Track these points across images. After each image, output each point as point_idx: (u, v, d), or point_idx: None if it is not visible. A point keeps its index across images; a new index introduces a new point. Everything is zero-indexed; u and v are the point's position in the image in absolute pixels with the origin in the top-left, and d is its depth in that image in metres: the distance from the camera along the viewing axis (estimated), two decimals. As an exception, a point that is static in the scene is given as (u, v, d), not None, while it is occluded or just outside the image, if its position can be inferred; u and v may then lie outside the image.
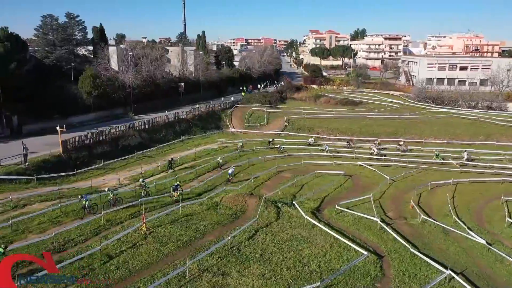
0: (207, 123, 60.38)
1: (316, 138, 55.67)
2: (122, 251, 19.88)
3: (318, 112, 68.69)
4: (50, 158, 36.52)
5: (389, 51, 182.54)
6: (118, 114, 59.17)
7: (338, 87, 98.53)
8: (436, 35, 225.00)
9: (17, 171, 32.74)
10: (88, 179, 34.99)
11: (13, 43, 50.67)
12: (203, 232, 22.65)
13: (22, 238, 21.20)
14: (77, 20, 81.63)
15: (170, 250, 20.21)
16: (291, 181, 37.30)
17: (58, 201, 26.96)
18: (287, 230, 23.92)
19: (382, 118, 66.51)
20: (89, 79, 54.64)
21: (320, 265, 19.47)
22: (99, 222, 23.35)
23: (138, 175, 36.72)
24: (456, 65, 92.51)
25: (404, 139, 53.74)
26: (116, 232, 21.88)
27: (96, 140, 42.10)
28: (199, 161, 43.23)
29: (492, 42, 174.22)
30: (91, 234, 21.81)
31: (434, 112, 70.87)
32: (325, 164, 43.14)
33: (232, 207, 27.75)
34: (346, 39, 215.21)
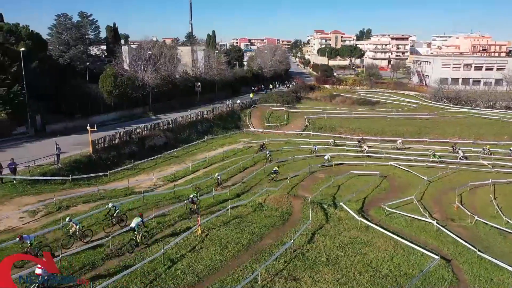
0: (227, 123, 59.63)
1: (336, 138, 54.96)
2: (182, 255, 19.09)
3: (337, 112, 68.02)
4: (81, 158, 35.72)
5: (396, 51, 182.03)
6: (138, 114, 58.42)
7: (350, 87, 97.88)
8: (441, 35, 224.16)
9: (51, 172, 31.93)
10: (120, 180, 34.35)
11: (34, 41, 49.94)
12: (259, 234, 21.88)
13: (75, 242, 20.40)
14: (90, 20, 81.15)
15: (232, 254, 19.43)
16: (326, 181, 36.52)
17: (100, 203, 26.29)
18: (343, 232, 23.19)
19: (402, 118, 65.77)
20: (110, 79, 53.88)
21: (391, 270, 18.72)
22: (150, 225, 22.55)
23: (170, 175, 35.98)
24: (471, 64, 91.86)
25: (428, 139, 53.13)
26: (168, 235, 21.14)
27: (124, 140, 41.28)
28: (228, 161, 42.44)
29: (499, 42, 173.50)
30: (148, 237, 20.99)
31: (453, 112, 70.14)
32: (356, 164, 42.34)
33: (277, 209, 27.01)
34: (352, 39, 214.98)
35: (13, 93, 40.50)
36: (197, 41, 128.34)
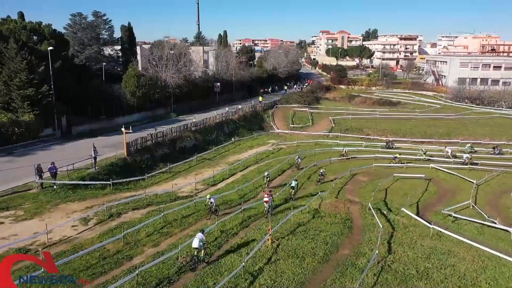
0: (251, 124, 58.16)
1: (364, 140, 53.61)
2: (261, 268, 17.57)
3: (361, 113, 66.50)
4: (117, 161, 34.20)
5: (405, 51, 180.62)
6: (160, 115, 56.98)
7: (366, 87, 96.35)
8: (447, 36, 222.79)
9: (90, 176, 30.42)
10: (159, 184, 32.97)
11: (57, 41, 48.44)
12: (333, 244, 20.36)
13: (139, 253, 18.92)
14: (104, 19, 79.72)
15: (313, 267, 17.93)
16: (371, 185, 35.07)
17: (153, 210, 24.82)
18: (417, 241, 21.72)
19: (427, 119, 64.25)
20: (133, 79, 52.42)
21: (490, 283, 17.21)
22: (213, 233, 21.05)
23: (209, 179, 34.50)
24: (489, 64, 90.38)
25: (460, 140, 51.67)
26: (236, 245, 19.68)
27: (155, 142, 39.78)
28: (262, 164, 40.94)
29: (508, 42, 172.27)
30: (214, 248, 19.50)
31: (478, 113, 68.68)
32: (396, 166, 40.86)
33: (335, 215, 25.54)
34: (358, 39, 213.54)
35: (41, 93, 39.00)
36: (206, 41, 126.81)
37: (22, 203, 24.48)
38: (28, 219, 22.21)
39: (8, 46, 38.87)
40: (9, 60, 38.35)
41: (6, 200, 24.92)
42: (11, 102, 38.27)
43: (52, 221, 22.03)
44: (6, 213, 22.79)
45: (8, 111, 38.47)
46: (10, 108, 38.63)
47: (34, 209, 23.67)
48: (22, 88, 37.88)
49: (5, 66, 38.31)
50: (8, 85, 37.82)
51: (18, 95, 37.61)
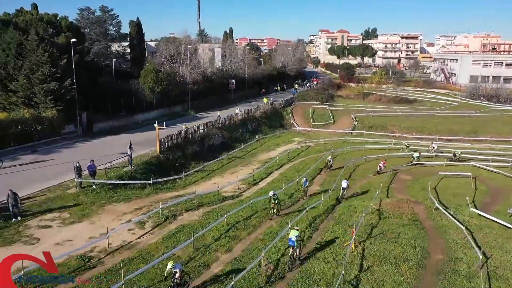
0: (272, 121, 56.36)
1: (390, 137, 52.07)
2: (356, 277, 15.74)
3: (380, 110, 64.98)
4: (151, 159, 32.14)
5: (406, 50, 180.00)
6: (178, 112, 54.94)
7: (376, 85, 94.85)
8: (445, 35, 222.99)
9: (127, 175, 28.33)
10: (197, 183, 31.08)
11: (74, 33, 46.10)
12: (422, 248, 18.61)
13: (214, 260, 16.97)
14: (111, 14, 77.33)
15: (413, 274, 16.15)
16: (417, 183, 33.42)
17: (207, 211, 22.86)
18: (504, 243, 19.96)
19: (449, 116, 62.87)
20: (152, 74, 50.27)
21: None
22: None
23: (248, 178, 32.51)
24: (502, 62, 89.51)
25: (490, 138, 50.36)
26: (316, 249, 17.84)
27: (185, 140, 37.76)
28: (296, 162, 39.18)
29: (508, 41, 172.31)
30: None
31: (498, 110, 67.34)
32: (436, 165, 39.28)
33: (400, 216, 23.78)
34: (358, 38, 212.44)
35: (65, 88, 36.74)
36: (209, 38, 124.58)
37: (64, 205, 22.36)
38: (77, 222, 20.13)
39: (29, 38, 36.50)
40: (30, 52, 36.03)
41: (45, 201, 22.79)
42: (32, 97, 35.91)
43: (103, 224, 19.97)
44: (51, 216, 20.67)
45: (28, 106, 36.11)
46: (31, 104, 36.27)
47: (80, 211, 21.57)
48: (45, 82, 35.60)
49: (26, 59, 35.95)
50: (30, 79, 35.47)
51: (41, 89, 35.31)
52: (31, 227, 19.22)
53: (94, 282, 14.51)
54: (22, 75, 35.20)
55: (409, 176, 35.95)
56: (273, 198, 22.15)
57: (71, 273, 15.04)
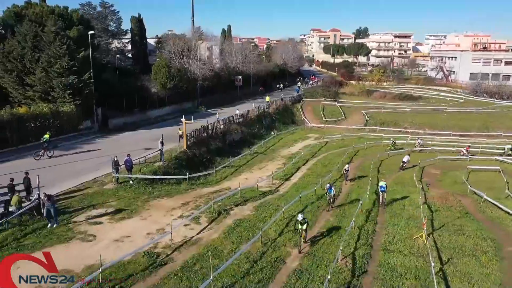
0: (284, 118, 55.68)
1: (402, 133, 51.99)
2: (441, 270, 15.10)
3: (388, 107, 64.84)
4: (179, 155, 31.10)
5: (399, 49, 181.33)
6: (189, 108, 53.65)
7: (377, 83, 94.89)
8: (434, 35, 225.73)
9: (160, 170, 27.32)
10: (228, 179, 30.10)
11: (85, 27, 44.62)
12: (493, 240, 18.12)
13: (287, 254, 16.15)
14: (111, 10, 75.66)
15: (497, 266, 15.60)
16: (447, 177, 33.13)
17: (256, 206, 22.02)
18: None
19: (457, 113, 63.06)
20: (164, 69, 49.03)
21: None
22: (352, 232, 18.43)
23: (277, 173, 31.66)
24: (501, 59, 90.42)
25: (503, 133, 50.52)
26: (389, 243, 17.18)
27: (208, 135, 36.79)
28: (320, 157, 38.59)
29: (498, 40, 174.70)
30: (366, 247, 16.91)
31: (504, 106, 67.91)
32: (458, 159, 39.10)
33: (449, 208, 23.42)
34: (350, 37, 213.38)
35: (83, 82, 35.39)
36: (206, 36, 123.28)
37: (106, 200, 21.27)
38: (127, 218, 19.07)
39: (45, 30, 35.06)
40: (47, 44, 34.57)
41: (86, 197, 21.68)
42: (50, 91, 34.47)
43: (155, 219, 19.05)
44: (96, 212, 19.56)
45: (45, 101, 34.65)
46: (48, 98, 34.81)
47: (125, 206, 20.50)
48: (63, 76, 34.18)
49: (42, 51, 34.49)
50: (47, 72, 34.03)
51: (60, 82, 33.88)
52: (81, 223, 18.13)
53: (174, 281, 13.57)
54: (39, 68, 33.72)
55: (437, 170, 35.59)
56: (300, 223, 16.44)
57: (144, 270, 14.12)
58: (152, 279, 13.67)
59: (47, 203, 17.35)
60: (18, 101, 35.03)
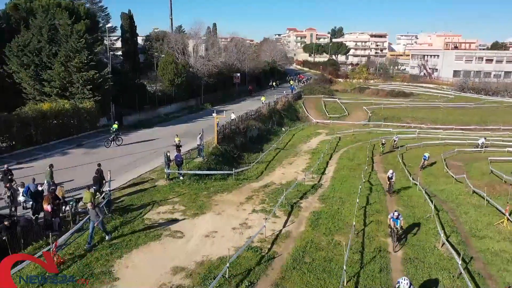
0: (291, 114, 55.47)
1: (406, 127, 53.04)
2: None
3: (386, 103, 65.94)
4: (213, 150, 30.29)
5: (375, 48, 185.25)
6: (194, 106, 52.78)
7: (364, 81, 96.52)
8: (405, 35, 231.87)
9: (205, 166, 26.52)
10: (265, 174, 29.60)
11: (92, 21, 43.00)
12: None
13: (384, 245, 15.92)
14: (100, 6, 73.30)
15: None
16: (473, 168, 33.82)
17: (319, 198, 21.67)
18: None
19: (452, 108, 64.95)
20: (171, 66, 47.83)
21: None
22: (431, 220, 18.42)
23: (310, 167, 31.44)
24: (482, 57, 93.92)
25: (502, 127, 52.33)
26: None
27: (233, 131, 36.14)
28: (341, 152, 38.68)
29: (469, 40, 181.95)
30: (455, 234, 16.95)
31: (492, 101, 70.45)
32: (475, 151, 40.11)
33: (499, 197, 23.75)
34: (326, 37, 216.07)
35: (103, 77, 33.93)
36: (187, 34, 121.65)
37: (167, 197, 20.41)
38: (200, 214, 18.32)
39: (61, 22, 33.38)
40: (64, 37, 32.90)
41: (144, 194, 20.69)
42: (69, 87, 32.82)
43: (231, 213, 18.57)
44: (164, 209, 18.70)
45: (62, 97, 32.96)
46: (66, 94, 33.14)
47: (191, 202, 19.72)
48: (83, 70, 32.60)
49: (60, 45, 32.78)
50: (66, 67, 32.38)
51: (80, 77, 32.29)
52: (155, 220, 17.23)
53: (296, 273, 13.05)
54: (58, 63, 32.02)
55: (460, 162, 36.30)
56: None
57: (259, 264, 13.51)
58: (273, 273, 13.11)
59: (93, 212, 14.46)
60: (33, 97, 33.17)
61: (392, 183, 23.26)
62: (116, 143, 29.70)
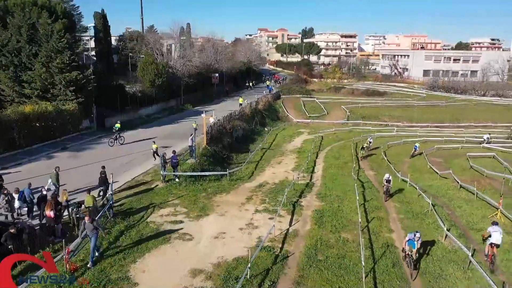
0: (271, 114, 55.76)
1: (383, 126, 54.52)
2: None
3: (363, 102, 67.44)
4: (204, 151, 30.05)
5: (346, 48, 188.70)
6: (175, 106, 52.19)
7: (338, 80, 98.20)
8: (373, 35, 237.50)
9: (199, 167, 26.29)
10: (256, 174, 29.55)
11: (70, 20, 41.80)
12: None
13: (390, 240, 16.33)
14: (71, 5, 71.21)
15: None
16: (453, 164, 35.03)
17: (317, 196, 21.94)
18: None
19: (425, 106, 67.15)
20: (152, 66, 47.12)
21: None
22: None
23: (299, 167, 31.74)
24: (450, 57, 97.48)
25: (474, 124, 54.65)
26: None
27: (220, 131, 36.01)
28: (326, 150, 39.28)
29: (434, 40, 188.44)
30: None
31: (462, 100, 73.27)
32: (452, 148, 41.60)
33: (484, 191, 24.80)
34: (297, 37, 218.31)
35: (86, 78, 33.02)
36: (159, 35, 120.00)
37: (166, 199, 20.16)
38: (204, 215, 18.23)
39: (41, 22, 32.25)
40: (45, 37, 31.80)
41: (142, 197, 20.37)
42: (50, 88, 31.74)
43: (234, 214, 18.60)
44: (165, 211, 18.47)
45: (43, 99, 31.84)
46: (47, 96, 32.03)
47: (192, 204, 19.57)
48: (65, 71, 31.61)
49: (41, 46, 31.65)
50: (48, 68, 31.30)
51: (63, 79, 31.28)
52: (160, 223, 16.98)
53: (313, 271, 13.20)
54: (39, 63, 30.90)
55: (439, 158, 37.53)
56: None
57: (275, 264, 13.57)
58: (291, 272, 13.20)
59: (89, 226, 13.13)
60: (11, 99, 31.88)
61: (390, 187, 22.42)
62: (119, 142, 30.44)
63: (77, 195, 18.81)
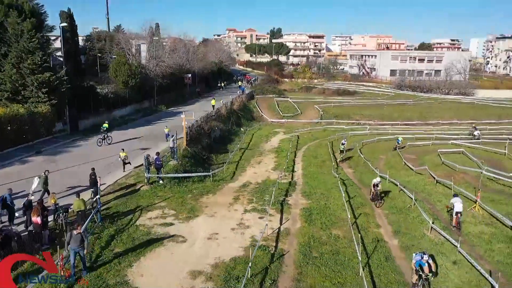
0: (245, 114, 55.87)
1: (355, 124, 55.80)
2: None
3: (336, 101, 68.66)
4: (184, 152, 29.76)
5: (314, 49, 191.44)
6: (149, 108, 51.31)
7: (309, 80, 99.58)
8: (339, 36, 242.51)
9: (181, 168, 26.02)
10: (238, 174, 29.63)
11: (39, 19, 40.40)
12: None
13: (378, 234, 16.80)
14: (36, 3, 68.65)
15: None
16: (425, 160, 36.30)
17: (302, 195, 22.23)
18: None
19: (394, 105, 69.10)
20: (124, 67, 46.18)
21: None
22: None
23: (280, 166, 32.04)
24: (415, 57, 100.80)
25: (442, 121, 56.78)
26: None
27: (198, 132, 35.78)
28: (303, 150, 39.78)
29: (399, 41, 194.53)
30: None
31: (427, 98, 75.95)
32: (423, 144, 43.04)
33: (460, 185, 25.91)
34: (266, 37, 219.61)
35: (59, 79, 31.99)
36: (127, 34, 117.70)
37: (153, 202, 19.88)
38: (193, 217, 18.18)
39: (9, 20, 31.01)
40: (14, 37, 30.58)
41: (128, 200, 20.00)
42: (21, 90, 30.53)
43: (223, 214, 18.65)
44: (153, 214, 18.25)
45: (14, 101, 30.58)
46: (18, 98, 30.80)
47: (180, 205, 19.43)
48: (37, 72, 30.51)
49: (11, 46, 30.41)
50: (18, 69, 30.11)
51: (35, 80, 30.16)
52: (150, 226, 16.77)
53: (311, 268, 13.41)
54: (9, 64, 29.68)
55: (412, 155, 38.74)
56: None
57: (273, 262, 13.69)
58: (289, 270, 13.37)
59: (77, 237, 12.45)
60: (-21, 102, 30.44)
61: (378, 191, 21.34)
62: (107, 142, 30.63)
63: (60, 200, 18.21)
